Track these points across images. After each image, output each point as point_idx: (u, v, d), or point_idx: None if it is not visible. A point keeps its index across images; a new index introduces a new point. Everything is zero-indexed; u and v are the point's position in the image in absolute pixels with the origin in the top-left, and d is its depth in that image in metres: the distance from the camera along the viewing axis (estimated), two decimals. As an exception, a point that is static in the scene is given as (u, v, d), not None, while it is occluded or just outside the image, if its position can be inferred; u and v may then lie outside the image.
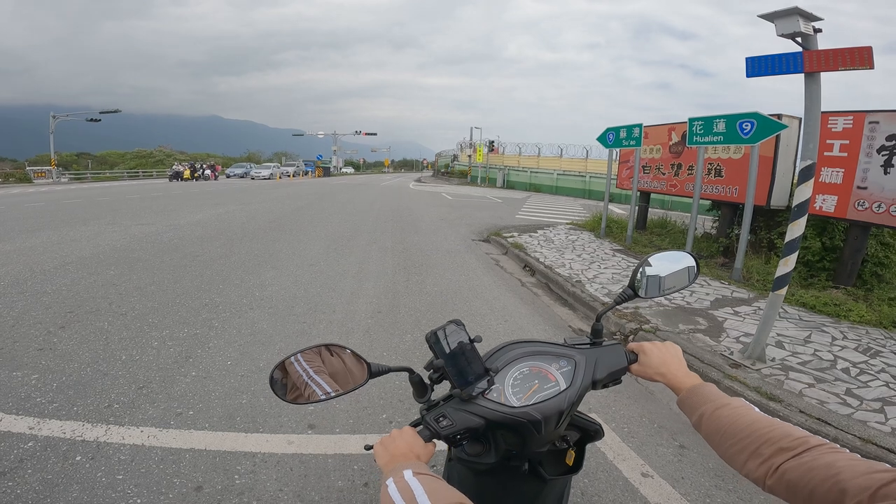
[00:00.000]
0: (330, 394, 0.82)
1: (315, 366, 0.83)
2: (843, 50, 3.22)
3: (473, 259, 7.05)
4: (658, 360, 0.91)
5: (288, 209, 12.85)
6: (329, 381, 0.83)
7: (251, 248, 7.14)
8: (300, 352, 0.83)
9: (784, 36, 3.45)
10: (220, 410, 2.64)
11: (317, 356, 0.84)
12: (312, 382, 0.82)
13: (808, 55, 3.25)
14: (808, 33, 3.39)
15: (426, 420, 0.80)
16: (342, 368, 0.85)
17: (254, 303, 4.53)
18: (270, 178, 35.25)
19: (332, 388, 0.83)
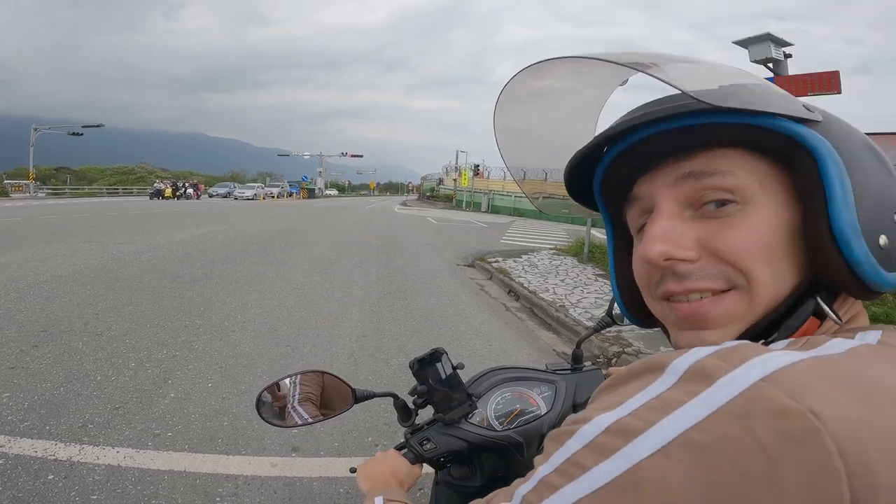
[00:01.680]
0: (312, 419, 0.84)
1: (301, 390, 0.85)
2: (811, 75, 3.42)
3: (458, 284, 7.10)
4: None
5: (272, 231, 12.80)
6: (314, 406, 0.85)
7: (233, 270, 7.09)
8: (286, 377, 0.85)
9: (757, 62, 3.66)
10: (201, 432, 2.60)
11: (303, 381, 0.86)
12: (298, 406, 0.84)
13: (779, 81, 3.44)
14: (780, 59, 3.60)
15: (410, 443, 0.82)
16: (327, 393, 0.87)
17: (236, 325, 4.49)
18: (254, 198, 35.12)
19: (316, 413, 0.84)
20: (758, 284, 0.37)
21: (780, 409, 0.25)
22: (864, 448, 0.25)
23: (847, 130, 0.39)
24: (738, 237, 0.37)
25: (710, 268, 0.38)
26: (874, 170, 0.38)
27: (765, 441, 0.25)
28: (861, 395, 0.27)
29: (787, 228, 0.38)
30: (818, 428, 0.25)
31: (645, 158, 0.42)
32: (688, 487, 0.26)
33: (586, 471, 0.29)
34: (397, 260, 8.94)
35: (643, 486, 0.27)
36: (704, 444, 0.26)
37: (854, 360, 0.30)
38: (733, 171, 0.38)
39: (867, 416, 0.26)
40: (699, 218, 0.39)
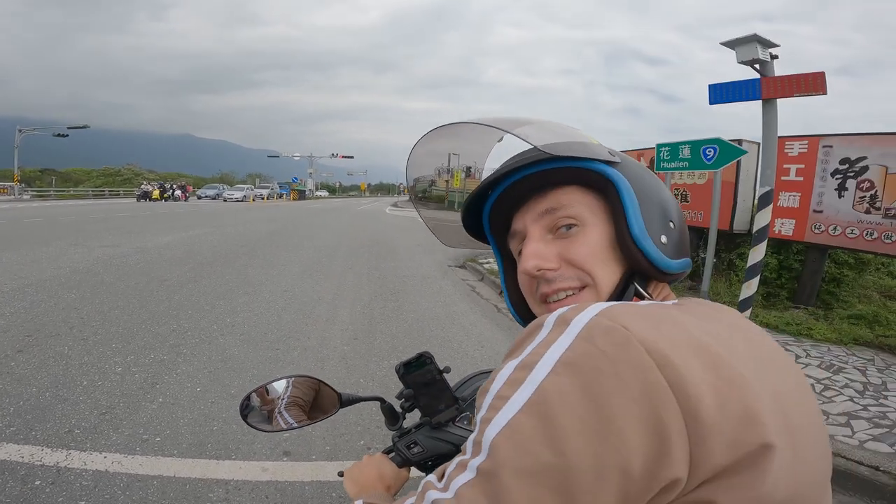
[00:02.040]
0: (297, 424, 0.84)
1: (287, 395, 0.85)
2: (797, 76, 3.45)
3: (449, 285, 7.11)
4: None
5: (262, 233, 12.72)
6: (299, 410, 0.85)
7: (222, 273, 7.03)
8: (272, 381, 0.85)
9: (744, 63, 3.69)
10: (190, 437, 2.58)
11: (288, 385, 0.86)
12: (283, 410, 0.84)
13: (766, 82, 3.47)
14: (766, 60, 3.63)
15: (397, 447, 0.83)
16: (313, 398, 0.87)
17: (224, 329, 4.45)
18: (244, 200, 34.87)
19: (302, 417, 0.85)
20: (599, 280, 0.54)
21: (608, 327, 0.39)
22: (660, 347, 0.38)
23: (636, 166, 0.58)
24: (582, 249, 0.55)
25: (568, 273, 0.55)
26: (654, 191, 0.56)
27: (605, 349, 0.38)
28: (653, 321, 0.41)
29: (609, 239, 0.55)
30: (629, 335, 0.38)
31: (516, 198, 0.60)
32: (574, 391, 0.37)
33: (507, 400, 0.39)
34: (388, 261, 8.93)
35: (549, 399, 0.37)
36: (574, 359, 0.38)
37: (652, 307, 0.45)
38: (573, 204, 0.56)
39: (657, 331, 0.39)
40: (557, 238, 0.56)
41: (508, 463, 0.36)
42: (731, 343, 0.43)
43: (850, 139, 5.00)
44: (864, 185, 4.86)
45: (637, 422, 0.36)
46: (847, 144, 5.00)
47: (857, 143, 4.93)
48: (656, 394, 0.36)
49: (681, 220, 0.58)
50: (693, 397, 0.36)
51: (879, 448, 2.71)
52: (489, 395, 0.41)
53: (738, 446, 0.37)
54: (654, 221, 0.54)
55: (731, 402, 0.37)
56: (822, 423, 0.48)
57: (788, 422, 0.41)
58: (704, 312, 0.48)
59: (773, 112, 3.44)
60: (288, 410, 0.84)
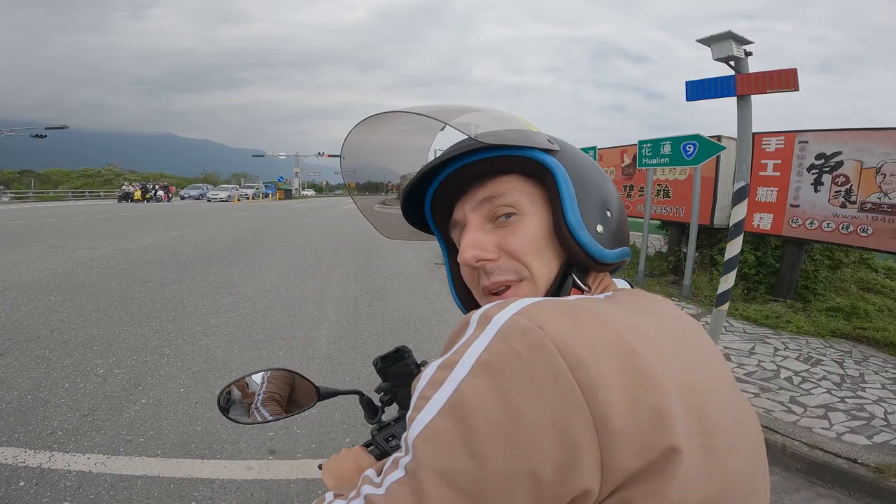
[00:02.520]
0: (271, 417, 0.84)
1: (262, 389, 0.85)
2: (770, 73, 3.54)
3: (436, 282, 7.15)
4: None
5: (246, 233, 12.63)
6: (276, 404, 0.85)
7: (206, 274, 6.99)
8: (249, 374, 0.85)
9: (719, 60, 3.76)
10: (174, 437, 2.60)
11: (264, 379, 0.86)
12: (260, 405, 0.84)
13: (740, 78, 3.55)
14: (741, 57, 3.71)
15: (376, 440, 0.83)
16: (290, 391, 0.88)
17: (208, 329, 4.45)
18: (228, 200, 34.50)
19: (278, 411, 0.85)
20: (535, 272, 0.54)
21: (524, 327, 0.39)
22: (574, 348, 0.37)
23: (575, 154, 0.57)
24: (520, 239, 0.54)
25: (506, 264, 0.54)
26: (589, 182, 0.56)
27: (520, 350, 0.37)
28: (572, 318, 0.40)
29: (547, 228, 0.54)
30: (543, 336, 0.38)
31: (457, 187, 0.59)
32: (489, 394, 0.37)
33: (429, 400, 0.39)
34: (375, 260, 8.94)
35: (465, 401, 0.37)
36: (491, 360, 0.38)
37: (578, 302, 0.44)
38: (512, 192, 0.55)
39: (574, 329, 0.39)
40: (496, 228, 0.56)
41: (428, 464, 0.37)
42: (654, 338, 0.43)
43: (825, 135, 5.13)
44: (839, 179, 5.00)
45: (548, 427, 0.35)
46: (822, 140, 5.13)
47: (832, 139, 5.06)
48: (567, 398, 0.36)
49: (620, 209, 0.58)
50: (603, 401, 0.36)
51: (857, 440, 2.75)
52: (415, 394, 0.41)
53: (647, 450, 0.36)
54: (591, 210, 0.53)
55: (642, 404, 0.37)
56: (753, 424, 0.48)
57: (705, 423, 0.40)
58: (636, 304, 0.48)
59: (748, 108, 3.52)
60: (265, 405, 0.84)
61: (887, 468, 2.43)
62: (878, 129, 4.70)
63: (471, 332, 0.41)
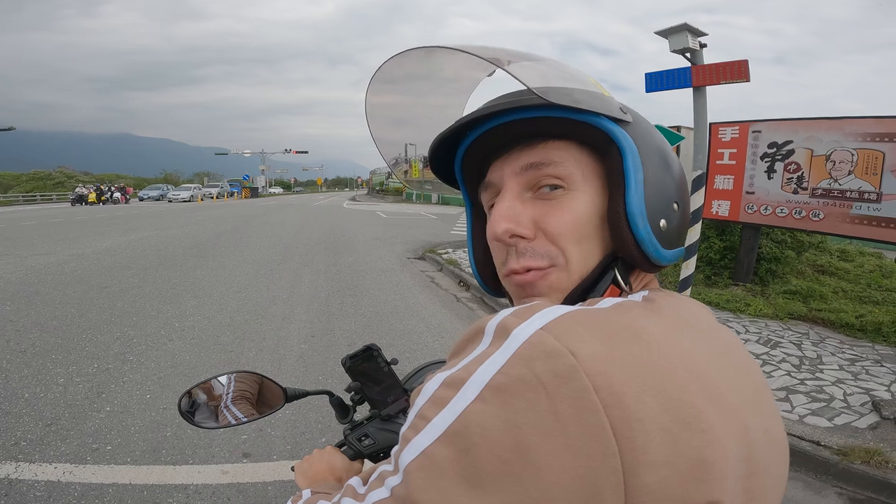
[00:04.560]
0: (245, 418, 0.83)
1: (230, 391, 0.84)
2: (722, 64, 3.71)
3: (409, 277, 7.19)
4: None
5: (211, 233, 12.35)
6: (248, 404, 0.84)
7: (169, 277, 6.83)
8: (213, 378, 0.83)
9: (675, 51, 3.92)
10: (143, 444, 2.57)
11: (231, 381, 0.84)
12: (231, 405, 0.83)
13: (695, 70, 3.71)
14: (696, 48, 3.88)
15: (349, 440, 0.83)
16: (256, 394, 0.86)
17: (173, 334, 4.37)
18: (191, 200, 33.52)
19: (251, 411, 0.84)
20: (571, 260, 0.46)
21: (551, 350, 0.33)
22: (613, 382, 0.32)
23: (649, 132, 0.48)
24: (563, 218, 0.46)
25: (541, 247, 0.46)
26: (661, 167, 0.47)
27: (543, 378, 0.32)
28: (610, 339, 0.34)
29: (597, 212, 0.46)
30: (575, 365, 0.32)
31: (497, 144, 0.50)
32: (499, 426, 0.32)
33: (429, 422, 0.34)
34: (346, 257, 8.91)
35: (470, 430, 0.32)
36: (505, 386, 0.32)
37: (612, 310, 0.38)
38: (564, 162, 0.46)
39: (613, 355, 0.33)
40: (536, 199, 0.47)
41: (420, 495, 0.33)
42: (704, 363, 0.37)
43: (777, 124, 5.40)
44: (791, 167, 5.27)
45: (566, 474, 0.31)
46: (774, 129, 5.39)
47: (783, 128, 5.32)
48: (595, 442, 0.31)
49: (686, 204, 0.50)
50: (639, 449, 0.31)
51: (819, 423, 2.84)
52: (414, 410, 0.37)
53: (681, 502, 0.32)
54: (657, 201, 0.46)
55: (685, 453, 0.32)
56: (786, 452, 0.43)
57: (752, 465, 0.37)
58: (677, 313, 0.42)
59: (703, 99, 3.69)
60: (236, 405, 0.83)
61: (850, 451, 2.49)
62: (827, 118, 4.98)
63: (485, 346, 0.36)
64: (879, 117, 4.59)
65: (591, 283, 0.46)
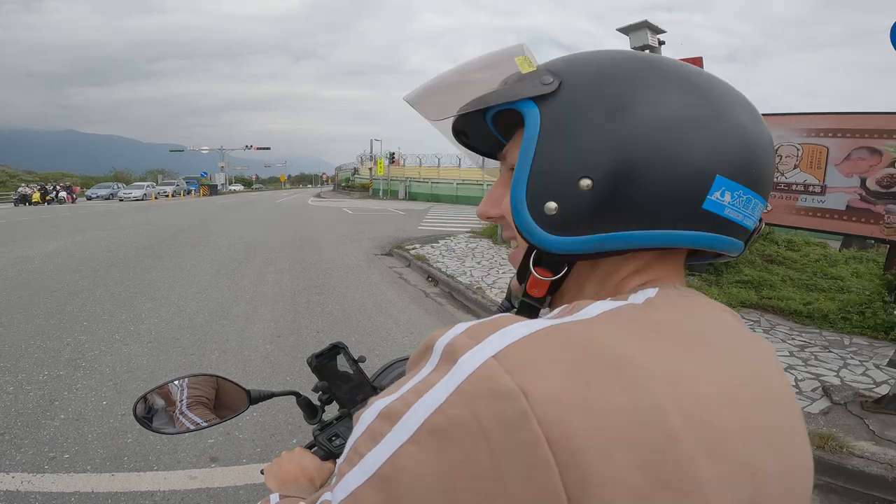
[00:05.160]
0: (205, 423, 0.80)
1: (184, 396, 0.80)
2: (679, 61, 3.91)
3: (376, 274, 7.17)
4: None
5: (166, 233, 11.93)
6: (205, 409, 0.81)
7: (122, 279, 6.58)
8: (165, 383, 0.80)
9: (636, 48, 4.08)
10: (102, 452, 2.51)
11: (182, 386, 0.81)
12: (187, 410, 0.80)
13: (653, 65, 3.90)
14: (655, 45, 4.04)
15: (319, 440, 0.82)
16: (214, 398, 0.83)
17: (128, 338, 4.23)
18: (144, 198, 32.20)
19: (210, 416, 0.81)
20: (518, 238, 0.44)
21: (499, 389, 0.28)
22: (571, 433, 0.27)
23: (593, 87, 0.40)
24: (507, 199, 0.44)
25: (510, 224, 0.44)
26: (584, 129, 0.38)
27: (486, 425, 0.27)
28: (576, 371, 0.29)
29: None
30: (526, 411, 0.27)
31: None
32: (431, 479, 0.27)
33: (362, 457, 0.30)
34: (312, 254, 8.79)
35: (400, 477, 0.28)
36: (443, 429, 0.28)
37: (593, 325, 0.33)
38: (513, 150, 0.45)
39: (577, 391, 0.28)
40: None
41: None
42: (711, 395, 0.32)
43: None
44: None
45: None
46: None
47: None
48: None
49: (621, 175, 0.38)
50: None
51: None
52: (351, 438, 0.33)
53: None
54: (548, 178, 0.39)
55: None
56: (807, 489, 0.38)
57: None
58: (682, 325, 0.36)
59: (660, 96, 3.84)
60: (192, 410, 0.80)
61: (807, 438, 2.72)
62: (775, 114, 5.28)
63: (429, 369, 0.32)
64: (823, 113, 4.90)
65: (524, 266, 0.44)
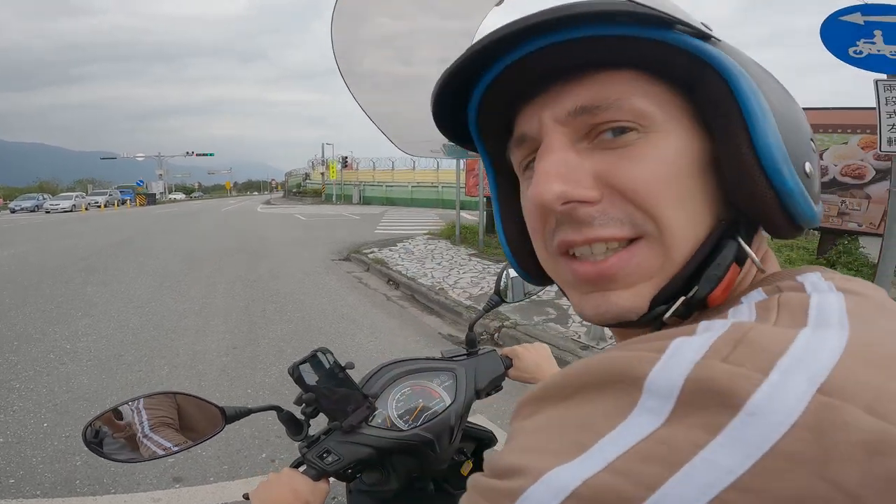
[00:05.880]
0: (175, 447, 0.73)
1: (144, 418, 0.73)
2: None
3: (335, 279, 7.04)
4: (531, 363, 0.98)
5: (101, 245, 11.24)
6: (172, 430, 0.75)
7: (53, 295, 6.14)
8: (120, 404, 0.73)
9: None
10: (51, 476, 2.35)
11: (138, 407, 0.74)
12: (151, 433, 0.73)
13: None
14: None
15: (308, 458, 0.76)
16: (188, 417, 0.77)
17: (65, 356, 3.95)
18: (73, 209, 30.27)
19: (179, 438, 0.74)
20: (670, 229, 0.32)
21: (873, 438, 0.18)
22: None
23: (741, 52, 0.35)
24: (644, 170, 0.32)
25: (615, 210, 0.33)
26: (780, 94, 0.35)
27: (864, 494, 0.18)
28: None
29: (697, 160, 0.33)
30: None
31: (527, 83, 0.36)
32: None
33: None
34: (265, 263, 8.52)
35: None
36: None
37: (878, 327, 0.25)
38: (632, 96, 0.33)
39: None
40: (596, 149, 0.34)
41: None
42: None
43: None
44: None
45: None
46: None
47: None
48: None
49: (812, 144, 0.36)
50: None
51: None
52: None
53: None
54: (796, 137, 0.33)
55: None
56: None
57: None
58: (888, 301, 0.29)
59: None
60: (158, 432, 0.73)
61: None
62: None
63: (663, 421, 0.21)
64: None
65: (701, 263, 0.33)
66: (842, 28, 3.02)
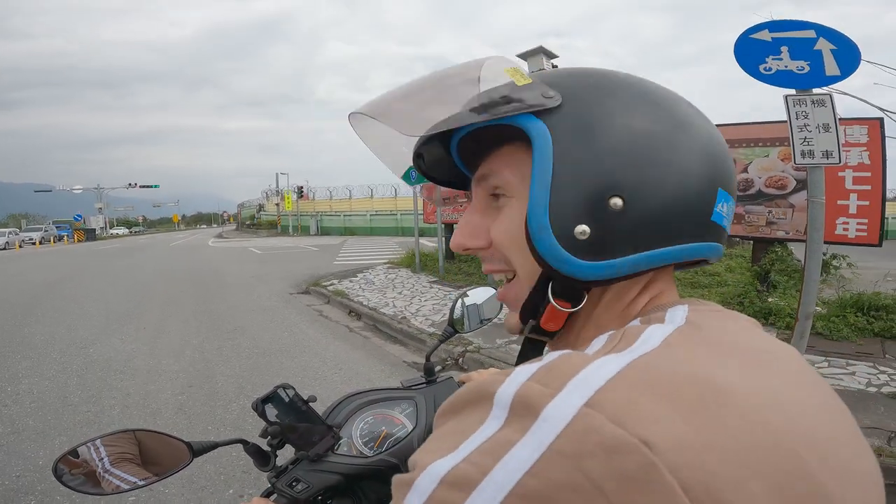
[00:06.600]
0: (141, 481, 0.73)
1: (117, 452, 0.74)
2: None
3: (294, 313, 6.97)
4: None
5: (37, 284, 10.67)
6: (134, 465, 0.74)
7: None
8: (97, 438, 0.74)
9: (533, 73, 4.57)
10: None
11: (108, 443, 0.74)
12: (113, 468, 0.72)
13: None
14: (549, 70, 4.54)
15: (278, 488, 0.78)
16: (150, 453, 0.77)
17: (7, 399, 3.79)
18: (6, 247, 28.50)
19: (145, 473, 0.74)
20: (520, 271, 0.44)
21: (611, 442, 0.25)
22: (707, 476, 0.24)
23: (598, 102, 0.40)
24: (501, 227, 0.44)
25: (496, 254, 0.46)
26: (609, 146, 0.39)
27: (605, 485, 0.24)
28: (691, 405, 0.26)
29: None
30: (653, 462, 0.24)
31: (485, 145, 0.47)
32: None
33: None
34: (219, 299, 8.33)
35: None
36: (543, 494, 0.25)
37: (671, 354, 0.30)
38: (502, 170, 0.44)
39: (703, 432, 0.25)
40: (491, 208, 0.47)
41: None
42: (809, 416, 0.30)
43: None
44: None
45: None
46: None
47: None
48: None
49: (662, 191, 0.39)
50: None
51: None
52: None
53: None
54: (576, 199, 0.38)
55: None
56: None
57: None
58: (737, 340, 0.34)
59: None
60: (119, 467, 0.73)
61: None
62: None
63: (496, 425, 0.29)
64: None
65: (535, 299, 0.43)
66: (752, 46, 3.11)
